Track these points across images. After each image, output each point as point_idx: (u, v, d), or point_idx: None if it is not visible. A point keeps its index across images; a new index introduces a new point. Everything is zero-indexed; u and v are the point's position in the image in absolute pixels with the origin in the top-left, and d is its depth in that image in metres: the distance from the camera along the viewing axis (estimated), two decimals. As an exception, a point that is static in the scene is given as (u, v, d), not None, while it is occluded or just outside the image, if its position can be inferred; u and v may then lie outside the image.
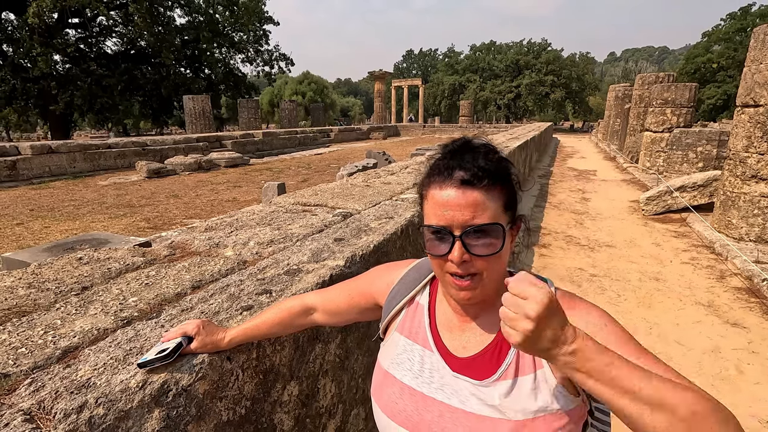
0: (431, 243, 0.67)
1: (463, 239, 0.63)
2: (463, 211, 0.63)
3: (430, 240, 0.67)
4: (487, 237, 0.64)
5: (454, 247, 0.64)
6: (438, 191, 0.66)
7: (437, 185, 0.67)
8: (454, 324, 0.75)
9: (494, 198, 0.65)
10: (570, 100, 39.44)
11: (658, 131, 9.78)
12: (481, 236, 0.64)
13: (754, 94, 4.81)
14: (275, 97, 39.75)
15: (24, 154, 10.37)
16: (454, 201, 0.64)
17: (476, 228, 0.63)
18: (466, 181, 0.64)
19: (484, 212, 0.64)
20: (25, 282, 1.18)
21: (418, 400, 0.71)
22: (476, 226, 0.63)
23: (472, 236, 0.63)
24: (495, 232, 0.64)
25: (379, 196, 2.49)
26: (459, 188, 0.64)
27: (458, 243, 0.63)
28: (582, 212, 6.80)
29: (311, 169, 11.68)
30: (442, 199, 0.65)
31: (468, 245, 0.64)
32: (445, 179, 0.66)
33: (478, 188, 0.64)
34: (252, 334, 0.91)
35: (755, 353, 2.81)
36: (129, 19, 20.46)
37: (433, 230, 0.66)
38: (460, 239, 0.63)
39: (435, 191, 0.67)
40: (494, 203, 0.65)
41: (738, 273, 4.12)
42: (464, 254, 0.64)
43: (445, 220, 0.64)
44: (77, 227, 5.82)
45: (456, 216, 0.64)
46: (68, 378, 0.75)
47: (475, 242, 0.64)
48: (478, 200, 0.64)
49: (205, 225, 1.85)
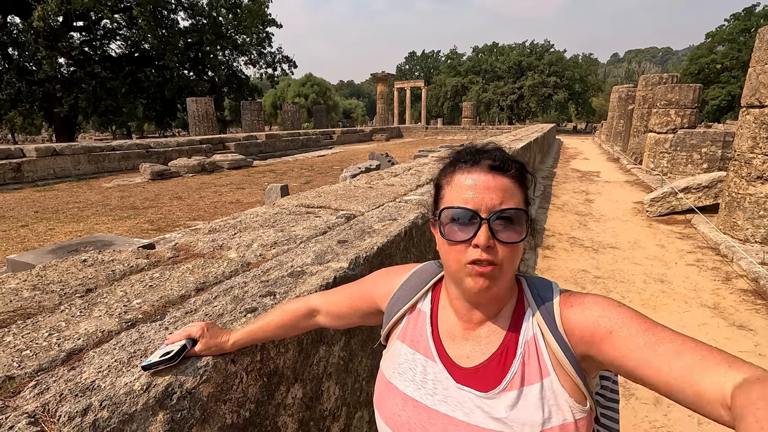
0: (451, 228, 0.64)
1: (490, 223, 0.62)
2: (492, 195, 0.62)
3: (450, 225, 0.64)
4: (512, 224, 0.63)
5: (480, 230, 0.62)
6: (465, 175, 0.65)
7: (463, 170, 0.66)
8: (457, 332, 0.72)
9: (518, 188, 0.65)
10: (573, 102, 39.34)
11: (662, 132, 9.74)
12: (508, 223, 0.62)
13: (759, 95, 4.78)
14: (278, 99, 39.88)
15: (29, 157, 10.44)
16: (483, 184, 0.63)
17: (505, 213, 0.62)
18: (496, 167, 0.64)
19: (511, 198, 0.63)
20: (29, 284, 1.19)
21: (421, 413, 0.68)
22: (505, 209, 0.62)
23: (499, 221, 0.62)
24: (520, 220, 0.63)
25: (383, 197, 2.49)
26: (489, 173, 0.64)
27: (485, 226, 0.61)
28: (586, 214, 6.77)
29: (314, 171, 11.70)
30: (469, 182, 0.64)
31: (494, 230, 0.62)
32: (473, 165, 0.65)
33: (507, 175, 0.64)
34: (256, 336, 0.90)
35: (762, 356, 2.78)
36: (133, 22, 20.59)
37: (457, 214, 0.63)
38: (487, 222, 0.62)
39: (460, 176, 0.66)
40: (520, 192, 0.65)
41: (744, 275, 4.09)
42: (490, 239, 0.62)
43: (473, 203, 0.62)
44: (81, 229, 5.84)
45: (485, 199, 0.62)
46: (72, 380, 0.74)
47: (502, 228, 0.62)
48: (507, 185, 0.64)
49: (209, 227, 1.85)
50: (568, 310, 0.65)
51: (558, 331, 0.65)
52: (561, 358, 0.64)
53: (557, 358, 0.64)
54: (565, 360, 0.64)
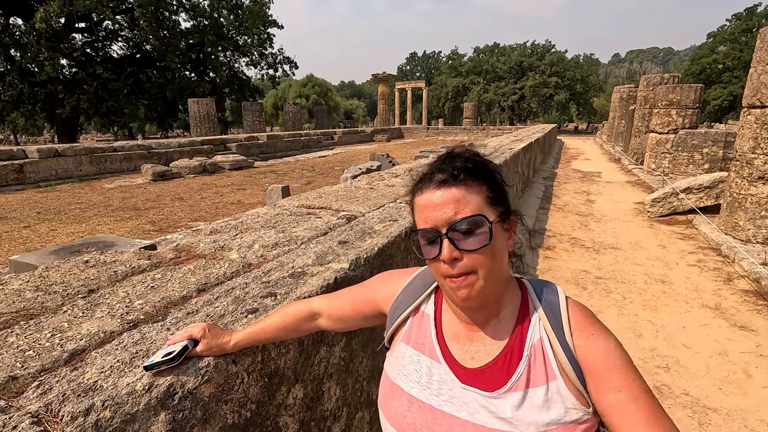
0: (425, 248, 0.68)
1: (449, 236, 0.64)
2: (445, 209, 0.65)
3: (424, 245, 0.68)
4: (472, 231, 0.64)
5: (443, 246, 0.64)
6: (421, 196, 0.69)
7: (420, 191, 0.69)
8: (461, 334, 0.73)
9: (475, 192, 0.66)
10: (574, 102, 39.28)
11: (664, 132, 9.73)
12: (467, 231, 0.64)
13: (761, 95, 4.77)
14: (279, 100, 39.92)
15: (31, 158, 10.46)
16: (435, 201, 0.66)
17: (460, 223, 0.64)
18: (443, 181, 0.66)
19: (465, 207, 0.65)
20: (32, 285, 1.19)
21: (427, 413, 0.69)
22: (459, 220, 0.64)
23: (458, 232, 0.64)
24: (480, 225, 0.64)
25: (383, 198, 2.49)
26: (438, 188, 0.66)
27: (446, 241, 0.64)
28: (587, 214, 6.76)
29: (315, 172, 11.71)
30: (424, 202, 0.67)
31: (455, 241, 0.64)
32: (426, 184, 0.68)
33: (455, 185, 0.66)
34: (257, 337, 0.91)
35: (763, 356, 2.78)
36: (135, 23, 20.62)
37: (423, 234, 0.67)
38: (446, 236, 0.64)
39: (418, 197, 0.69)
40: (476, 197, 0.66)
41: (745, 275, 4.08)
42: (453, 251, 0.64)
43: (431, 221, 0.66)
44: (83, 230, 5.86)
45: (439, 215, 0.65)
46: (75, 381, 0.75)
47: (462, 238, 0.64)
48: (457, 196, 0.65)
49: (210, 228, 1.86)
50: (581, 334, 0.67)
51: (566, 341, 0.66)
52: (566, 366, 0.65)
53: (562, 364, 0.66)
54: (570, 369, 0.65)
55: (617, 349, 0.66)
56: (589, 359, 0.65)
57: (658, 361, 2.76)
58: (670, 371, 2.65)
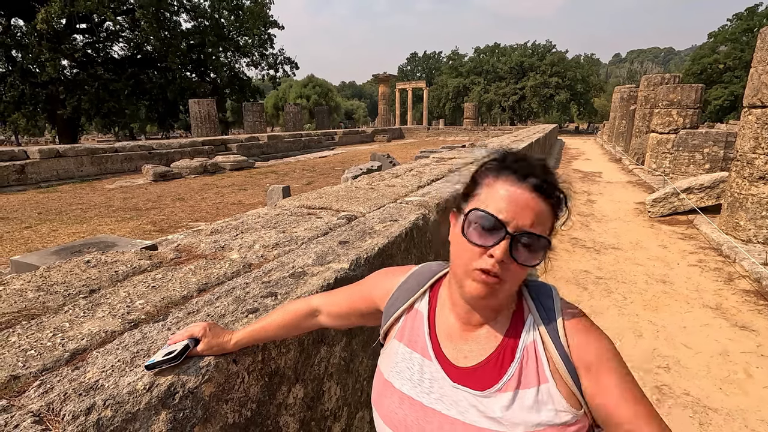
0: (474, 229, 0.64)
1: (513, 240, 0.62)
2: (526, 214, 0.62)
3: (474, 226, 0.64)
4: (532, 247, 0.63)
5: (501, 243, 0.62)
6: (508, 185, 0.64)
7: (507, 179, 0.65)
8: (455, 333, 0.73)
9: (551, 215, 0.65)
10: (575, 102, 39.25)
11: (664, 133, 9.72)
12: (529, 245, 0.63)
13: (761, 95, 4.77)
14: (280, 100, 39.95)
15: (32, 158, 10.48)
16: (523, 201, 0.63)
17: (530, 235, 0.62)
18: (539, 188, 0.63)
19: (541, 224, 0.63)
20: (34, 285, 1.20)
21: (417, 411, 0.70)
22: (531, 233, 0.62)
23: (522, 242, 0.62)
24: (541, 247, 0.64)
25: (384, 198, 2.50)
26: (532, 192, 0.63)
27: (507, 241, 0.62)
28: (587, 214, 6.76)
29: (316, 172, 11.72)
30: (509, 192, 0.63)
31: (514, 248, 0.62)
32: (518, 177, 0.64)
33: (545, 200, 0.64)
34: (258, 336, 0.91)
35: (764, 356, 2.78)
36: (136, 24, 20.66)
37: (486, 219, 0.63)
38: (511, 238, 0.62)
39: (503, 183, 0.65)
40: (550, 220, 0.65)
41: (746, 275, 4.08)
42: (507, 255, 0.62)
43: (506, 215, 0.62)
44: (85, 230, 5.87)
45: (518, 215, 0.62)
46: (76, 380, 0.76)
47: (522, 248, 0.63)
48: (542, 210, 0.63)
49: (211, 228, 1.86)
50: (576, 335, 0.67)
51: (560, 342, 0.67)
52: (560, 367, 0.65)
53: (556, 366, 0.66)
54: (564, 370, 0.65)
55: (610, 349, 0.66)
56: (583, 358, 0.65)
57: (659, 361, 2.76)
58: (671, 371, 2.65)
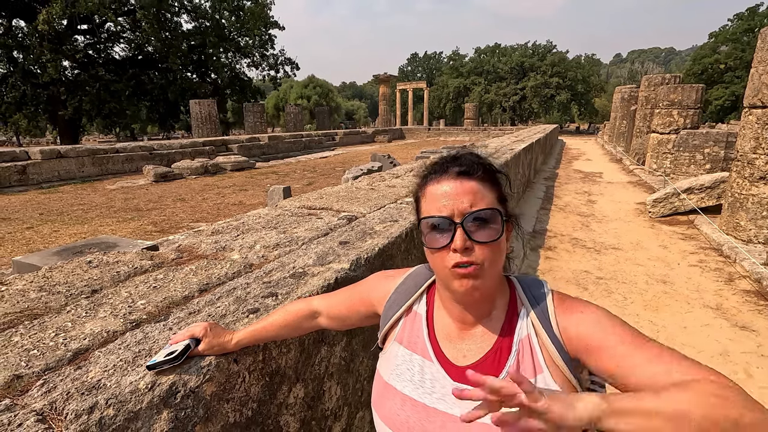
0: (431, 237, 0.68)
1: (464, 226, 0.65)
2: (462, 199, 0.66)
3: (430, 234, 0.68)
4: (486, 224, 0.66)
5: (456, 234, 0.65)
6: (436, 185, 0.69)
7: (434, 181, 0.70)
8: (453, 333, 0.75)
9: (489, 189, 0.68)
10: (575, 102, 39.22)
11: (665, 133, 9.72)
12: (481, 223, 0.66)
13: (762, 95, 4.77)
14: (281, 101, 39.97)
15: (34, 159, 10.50)
16: (453, 191, 0.67)
17: (476, 214, 0.65)
18: (463, 172, 0.68)
19: (482, 199, 0.66)
20: (36, 285, 1.21)
21: (420, 412, 0.70)
22: (476, 211, 0.65)
23: (473, 223, 0.65)
24: (494, 219, 0.66)
25: (384, 199, 2.50)
26: (456, 179, 0.68)
27: (460, 230, 0.65)
28: (588, 215, 6.76)
29: (316, 173, 11.73)
30: (439, 191, 0.68)
31: (469, 232, 0.65)
32: (442, 174, 0.69)
33: (474, 178, 0.67)
34: (259, 336, 0.92)
35: (764, 357, 2.78)
36: (137, 25, 20.70)
37: (433, 223, 0.67)
38: (461, 225, 0.65)
39: (432, 186, 0.70)
40: (490, 193, 0.68)
41: (747, 276, 4.08)
42: (466, 240, 0.65)
43: (446, 209, 0.66)
44: (86, 231, 5.88)
45: (456, 204, 0.66)
46: (79, 379, 0.76)
47: (476, 229, 0.65)
48: (475, 188, 0.67)
49: (212, 228, 1.87)
50: (566, 317, 0.68)
51: (553, 332, 0.68)
52: (555, 356, 0.67)
53: (551, 356, 0.67)
54: (558, 358, 0.66)
55: (606, 316, 0.67)
56: (583, 337, 0.65)
57: (659, 361, 2.75)
58: (671, 371, 2.64)
